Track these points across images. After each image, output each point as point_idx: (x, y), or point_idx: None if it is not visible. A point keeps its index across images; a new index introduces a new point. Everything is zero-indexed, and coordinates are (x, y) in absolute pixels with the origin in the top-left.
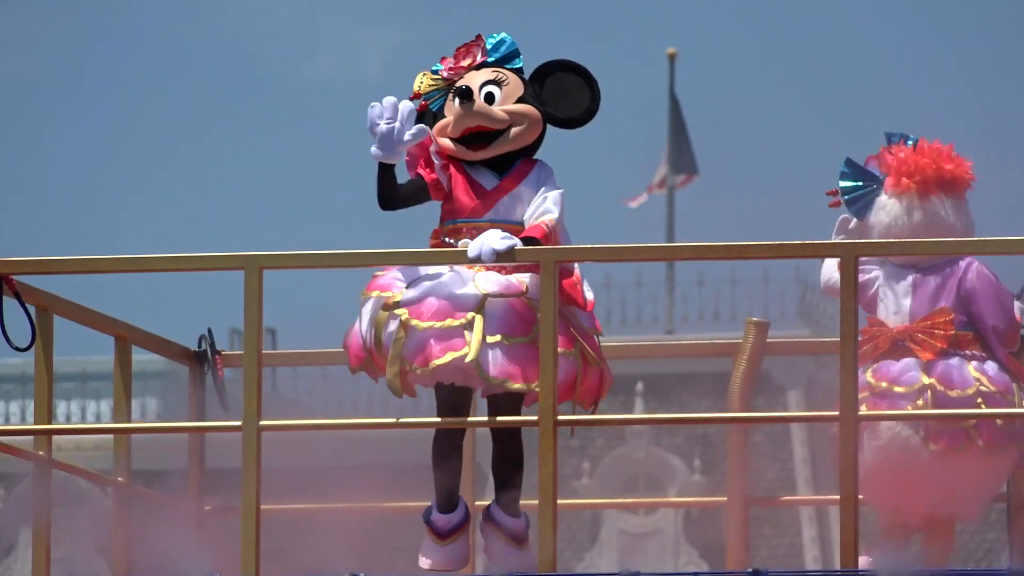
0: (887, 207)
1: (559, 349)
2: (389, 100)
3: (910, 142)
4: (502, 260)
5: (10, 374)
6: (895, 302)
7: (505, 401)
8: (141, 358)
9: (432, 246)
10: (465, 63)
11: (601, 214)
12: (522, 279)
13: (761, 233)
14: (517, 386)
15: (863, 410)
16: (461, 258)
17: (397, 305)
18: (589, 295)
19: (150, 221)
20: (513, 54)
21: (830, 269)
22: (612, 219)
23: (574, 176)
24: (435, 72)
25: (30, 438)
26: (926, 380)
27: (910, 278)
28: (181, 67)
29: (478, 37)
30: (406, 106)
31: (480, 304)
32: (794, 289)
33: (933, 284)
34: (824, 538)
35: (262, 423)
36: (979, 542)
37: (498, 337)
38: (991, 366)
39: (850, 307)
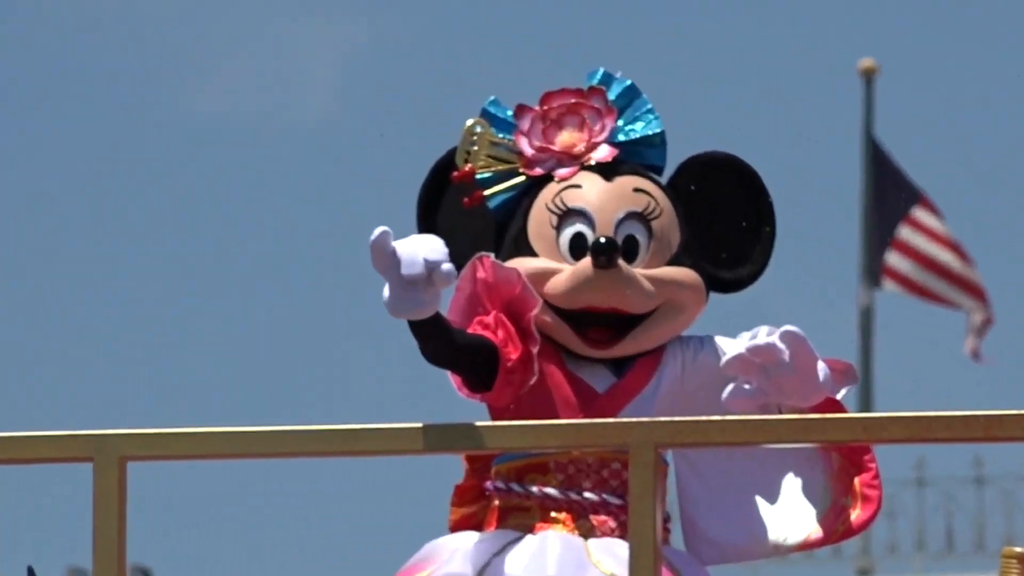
0: None
1: None
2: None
3: None
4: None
5: None
6: None
7: None
8: None
9: (455, 518)
10: (572, 137)
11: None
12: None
13: None
14: None
15: None
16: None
17: None
18: None
19: None
20: (656, 139)
21: None
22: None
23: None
24: (498, 125)
25: None
26: None
27: None
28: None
29: (592, 90)
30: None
31: None
32: None
33: None
34: None
35: None
36: None
37: None
38: None
39: None
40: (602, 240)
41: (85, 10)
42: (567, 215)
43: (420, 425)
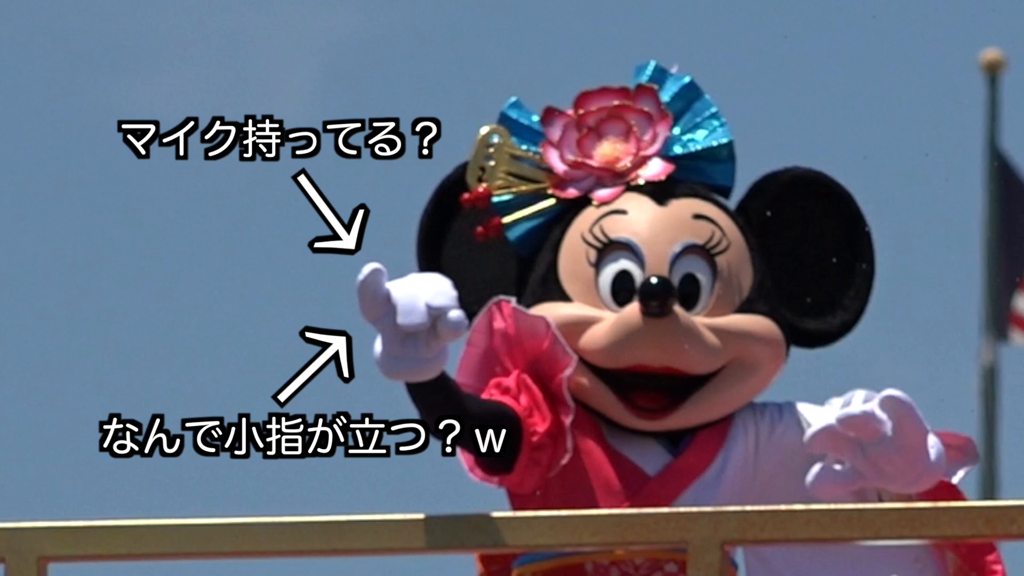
0: None
1: None
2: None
3: None
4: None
5: None
6: None
7: None
8: None
9: None
10: (615, 150)
11: None
12: None
13: None
14: None
15: None
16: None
17: None
18: None
19: None
20: (722, 152)
21: None
22: None
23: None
24: (520, 134)
25: None
26: None
27: None
28: None
29: (640, 89)
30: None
31: None
32: None
33: None
34: None
35: None
36: None
37: None
38: None
39: None
40: (653, 281)
41: None
42: (609, 249)
43: (422, 517)
